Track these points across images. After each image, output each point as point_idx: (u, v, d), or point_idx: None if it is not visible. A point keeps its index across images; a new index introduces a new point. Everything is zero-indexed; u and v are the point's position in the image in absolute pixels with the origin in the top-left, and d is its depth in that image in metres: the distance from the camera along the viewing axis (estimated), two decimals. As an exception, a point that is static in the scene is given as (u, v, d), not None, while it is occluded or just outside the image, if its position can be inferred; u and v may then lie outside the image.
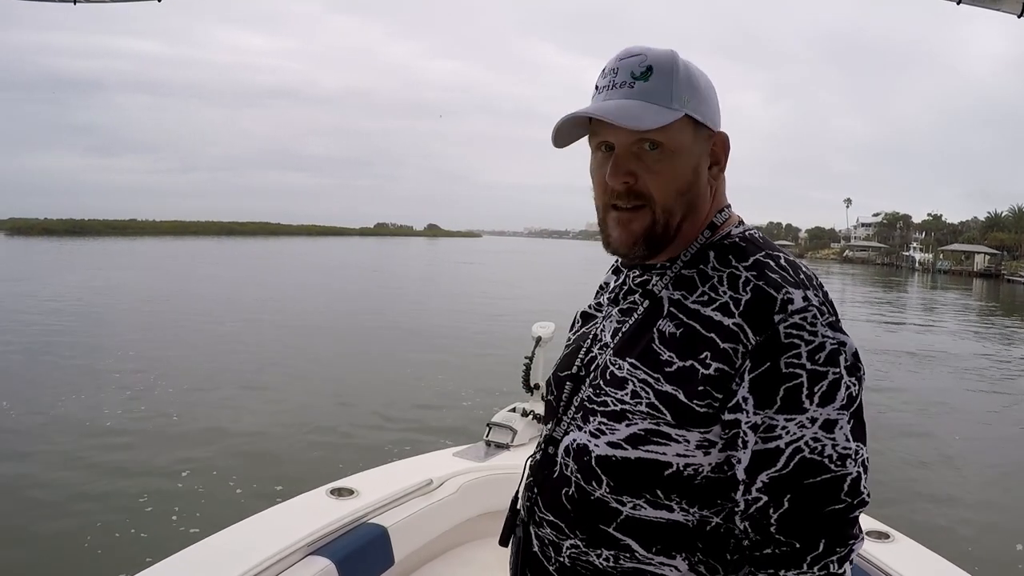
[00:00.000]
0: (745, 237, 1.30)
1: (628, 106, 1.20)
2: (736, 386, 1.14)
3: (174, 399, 10.47)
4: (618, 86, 1.23)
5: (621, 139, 1.23)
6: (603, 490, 1.23)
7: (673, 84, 1.22)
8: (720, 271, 1.24)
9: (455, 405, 10.53)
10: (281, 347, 15.49)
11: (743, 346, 1.14)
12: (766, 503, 1.14)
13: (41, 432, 8.79)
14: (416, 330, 18.66)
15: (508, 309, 22.80)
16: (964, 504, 7.75)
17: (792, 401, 1.11)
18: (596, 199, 1.30)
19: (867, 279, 64.96)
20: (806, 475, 1.11)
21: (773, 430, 1.12)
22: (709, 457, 1.19)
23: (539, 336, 3.59)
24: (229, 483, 7.16)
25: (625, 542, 1.22)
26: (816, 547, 1.12)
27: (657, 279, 1.31)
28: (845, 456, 1.12)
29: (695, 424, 1.17)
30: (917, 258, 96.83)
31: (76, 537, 5.89)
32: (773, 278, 1.18)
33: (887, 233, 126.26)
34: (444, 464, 3.14)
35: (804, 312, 1.13)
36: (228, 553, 2.21)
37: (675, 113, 1.21)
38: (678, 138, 1.23)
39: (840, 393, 1.12)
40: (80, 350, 14.36)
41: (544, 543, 1.33)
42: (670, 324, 1.23)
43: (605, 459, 1.22)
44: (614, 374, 1.25)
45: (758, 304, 1.15)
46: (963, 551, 6.06)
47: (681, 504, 1.20)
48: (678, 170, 1.24)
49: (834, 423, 1.12)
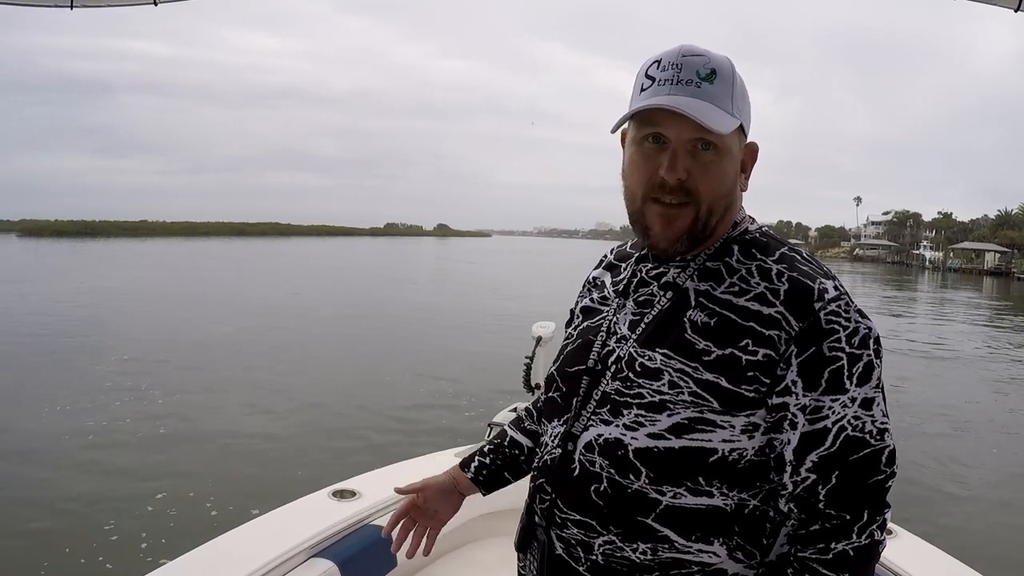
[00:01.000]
0: (763, 233, 1.35)
1: (703, 106, 1.22)
2: (783, 371, 1.19)
3: (174, 399, 10.53)
4: (684, 83, 1.24)
5: (681, 135, 1.24)
6: (641, 481, 1.24)
7: (733, 91, 1.26)
8: (746, 263, 1.29)
9: (456, 405, 10.54)
10: (282, 348, 15.50)
11: (786, 332, 1.19)
12: (815, 481, 1.18)
13: (43, 435, 8.80)
14: (417, 330, 18.72)
15: (515, 310, 22.76)
16: (975, 502, 7.75)
17: (836, 383, 1.17)
18: (632, 188, 1.31)
19: (878, 277, 64.80)
20: (851, 451, 1.18)
21: (820, 411, 1.18)
22: (753, 441, 1.22)
23: (539, 336, 3.58)
24: (230, 485, 7.17)
25: (663, 533, 1.23)
26: (862, 517, 1.18)
27: (678, 271, 1.33)
28: (883, 431, 1.20)
29: (742, 408, 1.20)
30: (927, 256, 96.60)
31: (77, 540, 5.90)
32: (805, 270, 1.24)
33: (897, 231, 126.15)
34: (446, 465, 3.05)
35: (838, 300, 1.20)
36: (231, 556, 2.21)
37: (735, 120, 1.25)
38: (729, 143, 1.26)
39: (874, 373, 1.20)
40: (88, 351, 14.47)
41: (570, 544, 1.32)
42: (701, 314, 1.26)
43: (646, 451, 1.23)
44: (646, 365, 1.26)
45: (797, 293, 1.21)
46: (972, 549, 6.07)
47: (722, 489, 1.23)
48: (726, 172, 1.28)
49: (871, 401, 1.19)
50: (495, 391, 10.01)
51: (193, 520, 6.09)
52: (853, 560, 1.17)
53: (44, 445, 8.35)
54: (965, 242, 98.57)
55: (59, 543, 5.83)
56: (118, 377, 11.94)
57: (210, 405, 10.45)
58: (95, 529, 6.13)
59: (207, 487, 7.12)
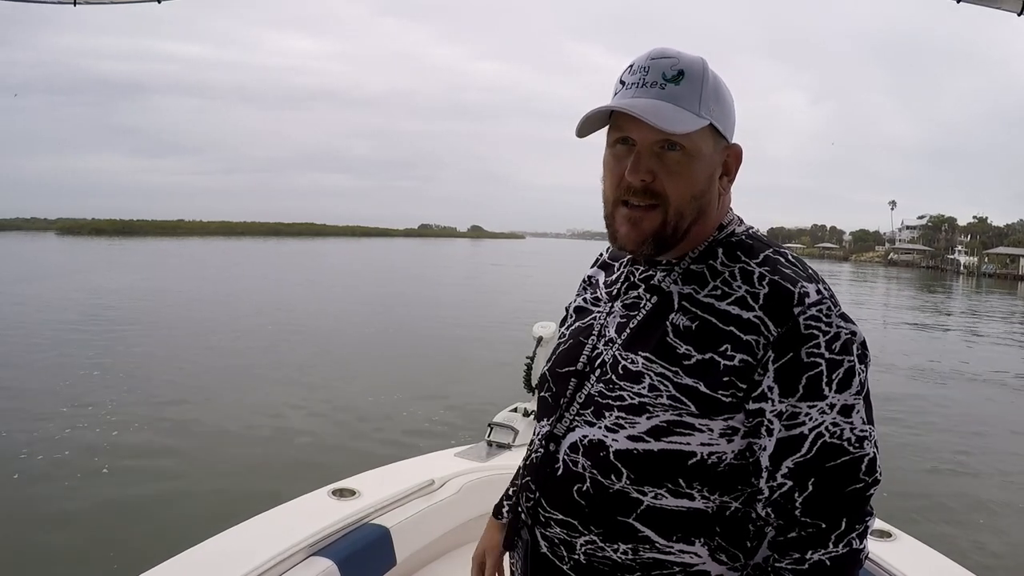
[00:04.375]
0: (750, 235, 1.34)
1: (660, 107, 1.22)
2: (760, 376, 1.18)
3: (174, 400, 10.55)
4: (648, 85, 1.25)
5: (645, 137, 1.24)
6: (623, 482, 1.24)
7: (702, 91, 1.25)
8: (730, 266, 1.27)
9: (456, 405, 10.50)
10: (283, 349, 15.49)
11: (764, 338, 1.18)
12: (791, 488, 1.18)
13: (42, 432, 8.82)
14: (417, 331, 18.73)
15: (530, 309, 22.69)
16: (982, 508, 7.65)
17: (813, 389, 1.16)
18: (605, 192, 1.33)
19: (913, 282, 63.86)
20: (828, 458, 1.17)
21: (797, 417, 1.17)
22: (732, 444, 1.22)
23: (540, 336, 3.58)
24: (230, 483, 7.17)
25: (644, 533, 1.24)
26: (839, 526, 1.17)
27: (663, 275, 1.33)
28: (862, 438, 1.18)
29: (720, 413, 1.20)
30: (962, 261, 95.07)
31: (76, 538, 5.94)
32: (787, 273, 1.23)
33: (932, 236, 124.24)
34: (446, 464, 3.15)
35: (819, 304, 1.18)
36: (230, 554, 2.21)
37: (701, 120, 1.24)
38: (699, 144, 1.25)
39: (855, 379, 1.18)
40: (96, 348, 14.61)
41: (553, 543, 1.33)
42: (683, 318, 1.26)
43: (626, 453, 1.24)
44: (628, 368, 1.26)
45: (777, 298, 1.19)
46: (974, 553, 6.05)
47: (702, 492, 1.23)
48: (695, 175, 1.27)
49: (851, 408, 1.18)
50: (495, 391, 9.91)
51: (192, 518, 6.02)
52: (829, 570, 1.17)
53: (42, 441, 8.34)
54: (1000, 247, 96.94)
55: (58, 541, 5.84)
56: (114, 375, 12.04)
57: (210, 404, 10.46)
58: (94, 527, 6.17)
59: (206, 485, 7.14)
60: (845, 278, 62.64)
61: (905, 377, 14.85)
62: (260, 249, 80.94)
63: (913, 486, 7.84)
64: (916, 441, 9.91)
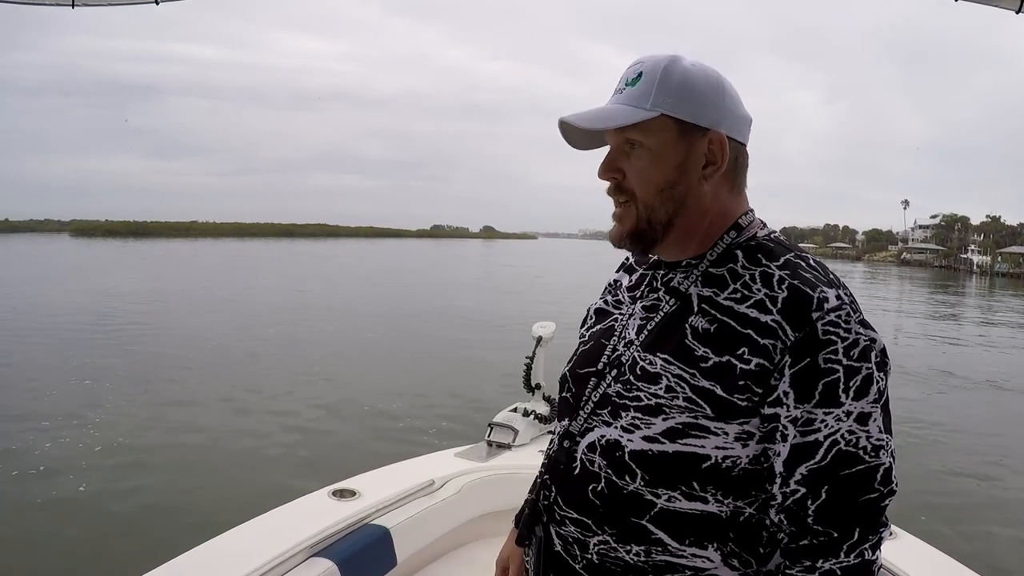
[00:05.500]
0: (771, 238, 1.33)
1: (605, 110, 1.27)
2: (776, 381, 1.17)
3: (174, 401, 10.59)
4: (616, 92, 1.30)
5: (611, 139, 1.31)
6: (637, 483, 1.24)
7: (653, 87, 1.25)
8: (751, 269, 1.26)
9: (456, 405, 10.50)
10: (284, 349, 15.54)
11: (782, 342, 1.16)
12: (804, 495, 1.17)
13: (47, 425, 8.94)
14: (420, 333, 18.76)
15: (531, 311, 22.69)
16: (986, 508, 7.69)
17: (830, 395, 1.15)
18: None
19: (926, 282, 63.54)
20: (843, 467, 1.15)
21: (812, 424, 1.16)
22: (747, 449, 1.21)
23: (540, 336, 3.57)
24: (230, 484, 7.18)
25: (657, 535, 1.23)
26: (852, 535, 1.16)
27: (682, 277, 1.33)
28: (879, 447, 1.17)
29: (735, 416, 1.19)
30: (975, 260, 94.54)
31: (75, 537, 5.96)
32: (807, 277, 1.21)
33: (945, 235, 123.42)
34: (446, 464, 3.15)
35: (839, 310, 1.16)
36: (230, 555, 2.21)
37: (646, 113, 1.25)
38: (658, 137, 1.26)
39: (873, 387, 1.16)
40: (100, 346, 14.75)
41: (567, 541, 1.33)
42: (702, 320, 1.25)
43: (640, 453, 1.24)
44: (646, 369, 1.26)
45: (796, 302, 1.18)
46: (976, 553, 6.02)
47: (716, 496, 1.22)
48: (656, 168, 1.28)
49: (868, 416, 1.16)
50: (496, 391, 9.82)
51: (192, 519, 6.06)
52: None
53: (42, 441, 8.37)
54: (1013, 246, 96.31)
55: (57, 541, 5.86)
56: (114, 376, 12.10)
57: (210, 404, 10.49)
58: (94, 526, 6.19)
59: (207, 485, 7.15)
60: (858, 278, 62.23)
61: (912, 378, 14.81)
62: (272, 250, 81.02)
63: (912, 486, 7.78)
64: (921, 441, 9.91)
